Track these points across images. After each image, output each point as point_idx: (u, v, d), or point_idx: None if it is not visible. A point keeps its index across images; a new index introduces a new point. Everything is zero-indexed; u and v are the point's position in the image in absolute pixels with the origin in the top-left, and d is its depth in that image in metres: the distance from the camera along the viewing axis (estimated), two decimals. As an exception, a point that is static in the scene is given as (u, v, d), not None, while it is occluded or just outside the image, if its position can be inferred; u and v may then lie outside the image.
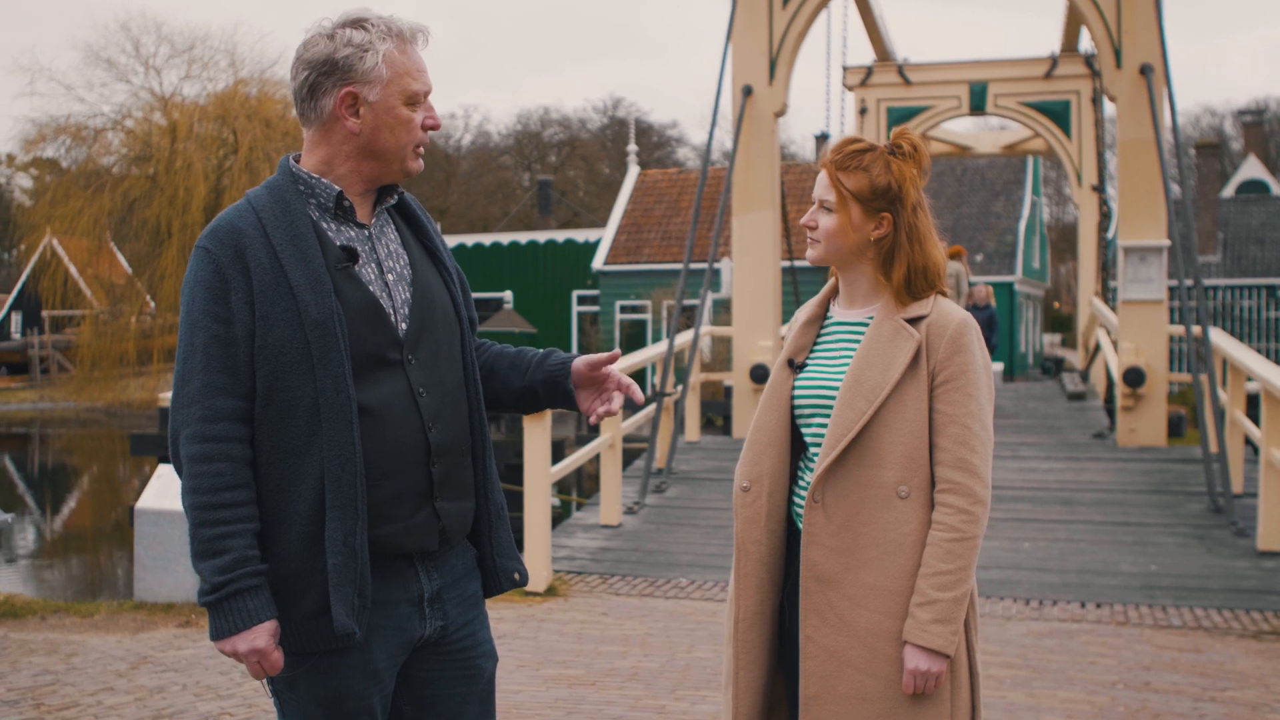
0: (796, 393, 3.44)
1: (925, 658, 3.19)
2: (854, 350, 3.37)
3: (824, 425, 3.34)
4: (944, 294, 3.40)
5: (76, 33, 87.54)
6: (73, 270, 43.59)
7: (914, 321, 3.32)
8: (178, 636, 8.24)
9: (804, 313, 3.58)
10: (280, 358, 2.85)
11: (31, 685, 7.10)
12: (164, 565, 9.30)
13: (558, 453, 15.23)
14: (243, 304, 2.85)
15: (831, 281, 3.57)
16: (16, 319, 58.79)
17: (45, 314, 49.47)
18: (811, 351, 3.49)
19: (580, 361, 3.22)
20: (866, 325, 3.39)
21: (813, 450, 3.39)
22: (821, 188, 3.42)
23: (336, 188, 2.98)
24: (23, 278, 53.29)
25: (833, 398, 3.33)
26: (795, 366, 3.48)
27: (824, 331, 3.51)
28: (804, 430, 3.43)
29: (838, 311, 3.51)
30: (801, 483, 3.42)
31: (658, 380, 14.27)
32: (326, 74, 2.94)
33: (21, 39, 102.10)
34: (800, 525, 3.35)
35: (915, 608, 3.20)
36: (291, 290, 2.86)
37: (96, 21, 75.39)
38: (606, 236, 37.98)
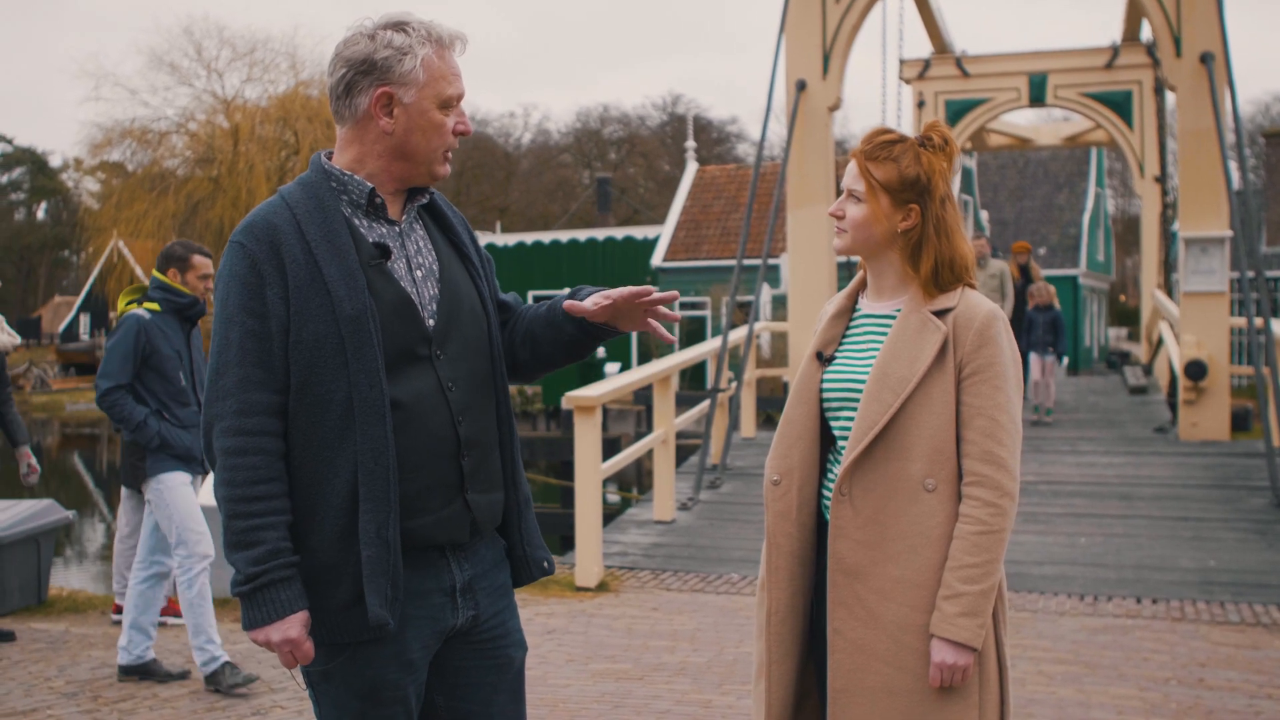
0: (825, 386, 3.43)
1: (952, 651, 3.17)
2: (881, 343, 3.36)
3: (852, 418, 3.33)
4: (971, 286, 3.38)
5: (140, 38, 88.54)
6: (139, 272, 44.09)
7: (941, 314, 3.30)
8: (233, 630, 8.31)
9: (832, 305, 3.57)
10: (314, 353, 2.88)
11: (90, 678, 7.20)
12: (220, 561, 9.35)
13: (616, 449, 15.25)
14: (278, 299, 2.89)
15: (860, 274, 3.56)
16: (85, 320, 59.54)
17: (113, 315, 50.00)
18: (840, 344, 3.48)
19: (606, 296, 3.11)
20: (894, 318, 3.38)
21: (841, 443, 3.38)
22: (850, 178, 3.41)
23: (369, 184, 3.01)
24: (90, 279, 53.95)
25: (860, 390, 3.32)
26: (824, 359, 3.47)
27: (853, 324, 3.50)
28: (832, 423, 3.42)
29: (865, 304, 3.50)
30: (830, 475, 3.41)
31: (712, 376, 14.25)
32: (364, 73, 2.96)
33: (87, 44, 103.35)
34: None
35: (942, 601, 3.18)
36: (326, 286, 2.88)
37: (160, 26, 76.56)
38: (665, 233, 37.94)
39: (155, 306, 7.13)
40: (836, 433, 3.41)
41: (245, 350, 2.88)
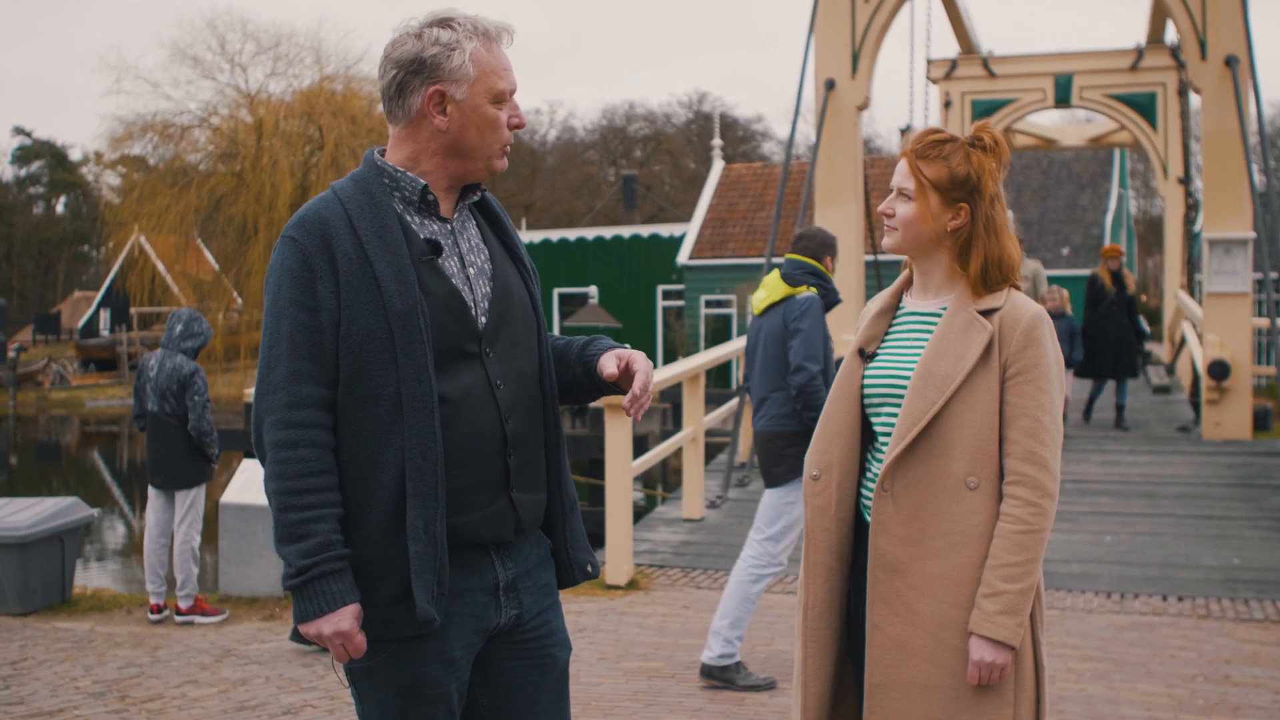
0: (867, 382, 3.47)
1: (990, 649, 3.20)
2: (926, 341, 3.39)
3: (894, 415, 3.37)
4: (1017, 287, 3.42)
5: (163, 31, 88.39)
6: (160, 267, 44.08)
7: (987, 313, 3.33)
8: (262, 630, 8.35)
9: (876, 303, 3.61)
10: (364, 347, 2.89)
11: (117, 678, 7.21)
12: (248, 559, 9.40)
13: (643, 447, 15.30)
14: (329, 293, 2.90)
15: (905, 273, 3.60)
16: (105, 316, 59.54)
17: (133, 311, 50.05)
18: (883, 341, 3.52)
19: (605, 363, 3.16)
20: (939, 316, 3.41)
21: (882, 440, 3.41)
22: (901, 176, 3.44)
23: (422, 181, 3.01)
24: (111, 275, 53.79)
25: (903, 387, 3.35)
26: (866, 356, 3.51)
27: (896, 322, 3.54)
28: (874, 420, 3.46)
29: (910, 302, 3.54)
30: (870, 472, 3.45)
31: (739, 374, 14.28)
32: (414, 72, 2.97)
33: (108, 37, 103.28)
34: (868, 514, 3.39)
35: (982, 599, 3.21)
36: (377, 281, 2.89)
37: (183, 19, 76.18)
38: (691, 231, 37.96)
39: (814, 292, 6.82)
40: (878, 429, 3.45)
41: (295, 344, 2.89)
